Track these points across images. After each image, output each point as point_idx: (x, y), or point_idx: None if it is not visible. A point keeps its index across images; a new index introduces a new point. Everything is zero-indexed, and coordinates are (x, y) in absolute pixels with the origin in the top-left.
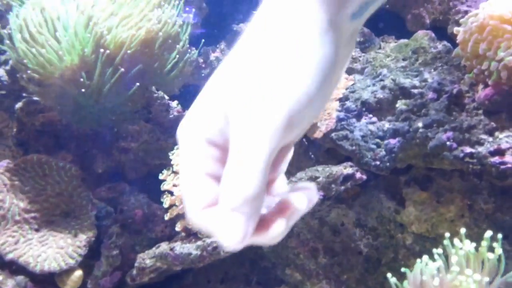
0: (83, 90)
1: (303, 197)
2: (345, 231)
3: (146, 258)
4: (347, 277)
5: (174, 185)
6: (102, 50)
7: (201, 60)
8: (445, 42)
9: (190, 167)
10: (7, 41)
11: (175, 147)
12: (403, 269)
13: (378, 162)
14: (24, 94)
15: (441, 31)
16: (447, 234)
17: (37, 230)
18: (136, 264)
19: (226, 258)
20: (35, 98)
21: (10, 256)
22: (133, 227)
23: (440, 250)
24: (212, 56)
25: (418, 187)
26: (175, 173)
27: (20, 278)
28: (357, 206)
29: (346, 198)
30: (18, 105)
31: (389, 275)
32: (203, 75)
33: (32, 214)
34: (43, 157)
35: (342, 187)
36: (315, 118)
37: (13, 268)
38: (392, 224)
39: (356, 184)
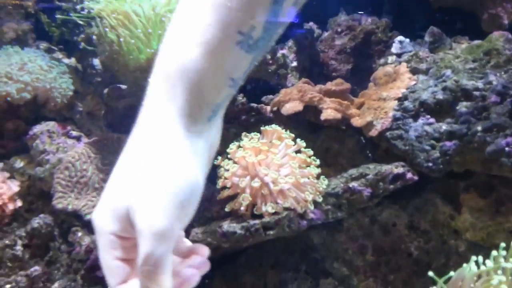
0: None
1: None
2: (396, 231)
3: (198, 233)
4: (394, 277)
5: (226, 170)
6: None
7: (268, 57)
8: None
9: (104, 255)
10: (100, 30)
11: (235, 139)
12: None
13: (430, 164)
14: (113, 81)
15: None
16: (503, 244)
17: None
18: (190, 238)
19: (279, 246)
20: (119, 85)
21: (88, 217)
22: None
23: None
24: (279, 53)
25: (477, 193)
26: (229, 159)
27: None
28: (411, 208)
29: (400, 200)
30: (106, 90)
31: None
32: (269, 71)
33: None
34: (122, 136)
35: (391, 186)
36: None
37: (91, 227)
38: (446, 229)
39: (408, 185)
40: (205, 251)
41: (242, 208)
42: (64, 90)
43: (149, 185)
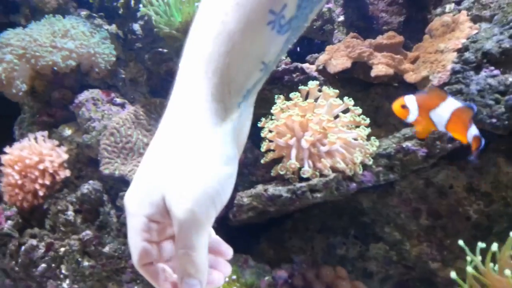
0: None
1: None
2: (453, 194)
3: (244, 197)
4: (451, 242)
5: (270, 131)
6: None
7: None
8: None
9: (135, 236)
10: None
11: (277, 99)
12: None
13: (494, 120)
14: (154, 46)
15: None
16: None
17: None
18: (235, 202)
19: (326, 210)
20: (161, 50)
21: None
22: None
23: None
24: (325, 7)
25: None
26: (272, 120)
27: None
28: (470, 169)
29: (458, 160)
30: (147, 56)
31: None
32: (314, 27)
33: None
34: (164, 101)
35: (449, 145)
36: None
37: None
38: (510, 191)
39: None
40: (229, 252)
41: (288, 172)
42: (107, 56)
43: (183, 173)
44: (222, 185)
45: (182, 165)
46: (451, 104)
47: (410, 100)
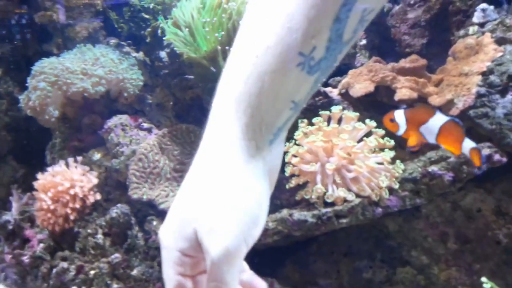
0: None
1: None
2: (481, 217)
3: (269, 221)
4: (480, 267)
5: (294, 156)
6: None
7: None
8: None
9: (168, 269)
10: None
11: (300, 123)
12: None
13: None
14: (180, 73)
15: None
16: None
17: None
18: None
19: (352, 233)
20: (186, 76)
21: (162, 206)
22: None
23: None
24: None
25: None
26: (297, 145)
27: None
28: (498, 192)
29: (485, 183)
30: (173, 82)
31: None
32: None
33: (180, 174)
34: (191, 127)
35: (476, 170)
36: (262, 223)
37: (165, 216)
38: None
39: (495, 168)
40: (262, 286)
41: (313, 197)
42: (135, 81)
43: (215, 208)
44: (254, 221)
45: (214, 200)
46: (439, 119)
47: (399, 115)
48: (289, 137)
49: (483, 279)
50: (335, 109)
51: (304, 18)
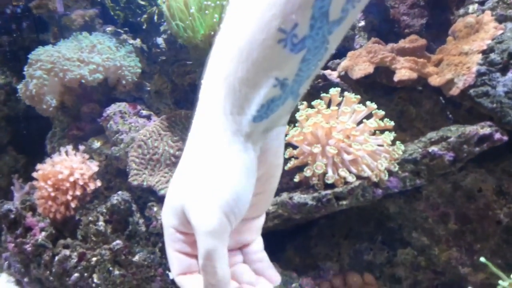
0: None
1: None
2: (482, 197)
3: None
4: (481, 246)
5: (295, 138)
6: None
7: None
8: None
9: (167, 246)
10: (167, 14)
11: (300, 105)
12: None
13: None
14: (177, 59)
15: None
16: None
17: None
18: None
19: (352, 216)
20: (184, 62)
21: (162, 192)
22: None
23: None
24: None
25: None
26: (296, 127)
27: None
28: (499, 172)
29: (486, 163)
30: (171, 68)
31: None
32: None
33: (179, 159)
34: (189, 112)
35: (477, 149)
36: (251, 199)
37: None
38: None
39: (496, 146)
40: (274, 279)
41: (313, 178)
42: (133, 68)
43: (199, 189)
44: (235, 199)
45: (199, 178)
46: None
47: None
48: (290, 120)
49: (482, 259)
50: (333, 91)
51: None
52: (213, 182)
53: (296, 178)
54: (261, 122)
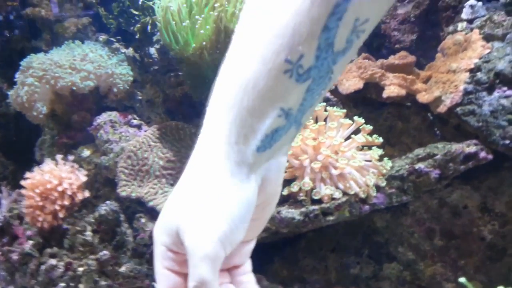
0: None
1: None
2: (467, 214)
3: None
4: (465, 263)
5: None
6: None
7: None
8: None
9: (156, 262)
10: (159, 24)
11: None
12: None
13: (507, 141)
14: (170, 69)
15: None
16: None
17: (171, 185)
18: None
19: (339, 229)
20: (176, 73)
21: (150, 204)
22: None
23: None
24: None
25: None
26: None
27: None
28: (484, 189)
29: (472, 180)
30: (163, 78)
31: None
32: None
33: (169, 171)
34: (180, 124)
35: (462, 167)
36: (247, 228)
37: (153, 214)
38: None
39: (481, 165)
40: None
41: (301, 194)
42: (125, 76)
43: (199, 214)
44: (233, 229)
45: (199, 203)
46: None
47: None
48: None
49: (462, 279)
50: (317, 107)
51: (289, 25)
52: (212, 209)
53: (285, 192)
54: (265, 152)
